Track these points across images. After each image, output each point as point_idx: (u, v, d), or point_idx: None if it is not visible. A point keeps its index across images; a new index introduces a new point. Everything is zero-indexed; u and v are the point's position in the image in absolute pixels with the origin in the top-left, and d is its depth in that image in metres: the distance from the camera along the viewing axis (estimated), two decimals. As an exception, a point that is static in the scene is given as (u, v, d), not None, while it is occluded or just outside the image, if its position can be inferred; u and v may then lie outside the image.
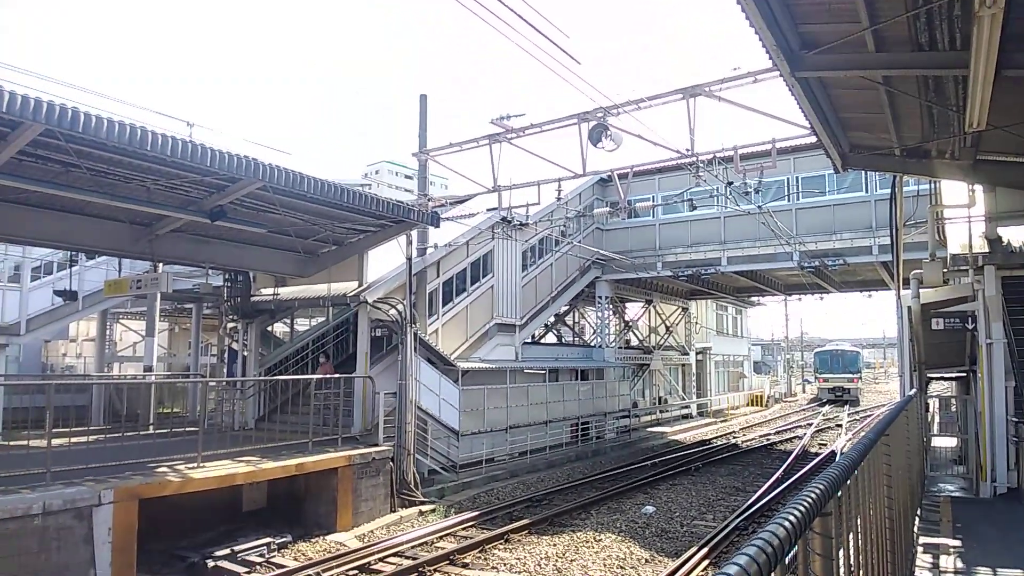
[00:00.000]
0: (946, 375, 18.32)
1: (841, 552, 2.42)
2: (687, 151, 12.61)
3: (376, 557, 10.61)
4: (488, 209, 20.30)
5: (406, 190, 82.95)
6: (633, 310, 34.03)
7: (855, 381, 46.02)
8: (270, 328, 22.05)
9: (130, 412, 17.98)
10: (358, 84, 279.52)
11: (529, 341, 24.40)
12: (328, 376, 15.18)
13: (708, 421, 32.78)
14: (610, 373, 26.37)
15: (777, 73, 7.04)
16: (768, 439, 25.97)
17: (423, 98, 16.20)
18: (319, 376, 15.60)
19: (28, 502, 8.36)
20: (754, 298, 40.45)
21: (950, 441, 16.06)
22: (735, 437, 26.79)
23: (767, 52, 6.42)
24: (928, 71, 6.87)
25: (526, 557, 10.72)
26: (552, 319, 29.47)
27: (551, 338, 32.71)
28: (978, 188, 11.36)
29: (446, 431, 17.09)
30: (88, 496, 8.94)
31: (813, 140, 10.18)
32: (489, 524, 12.81)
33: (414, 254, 16.02)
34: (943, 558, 6.40)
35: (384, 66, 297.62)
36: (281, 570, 9.93)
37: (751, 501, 14.01)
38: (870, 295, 32.59)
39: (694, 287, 30.85)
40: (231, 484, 11.14)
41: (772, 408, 42.67)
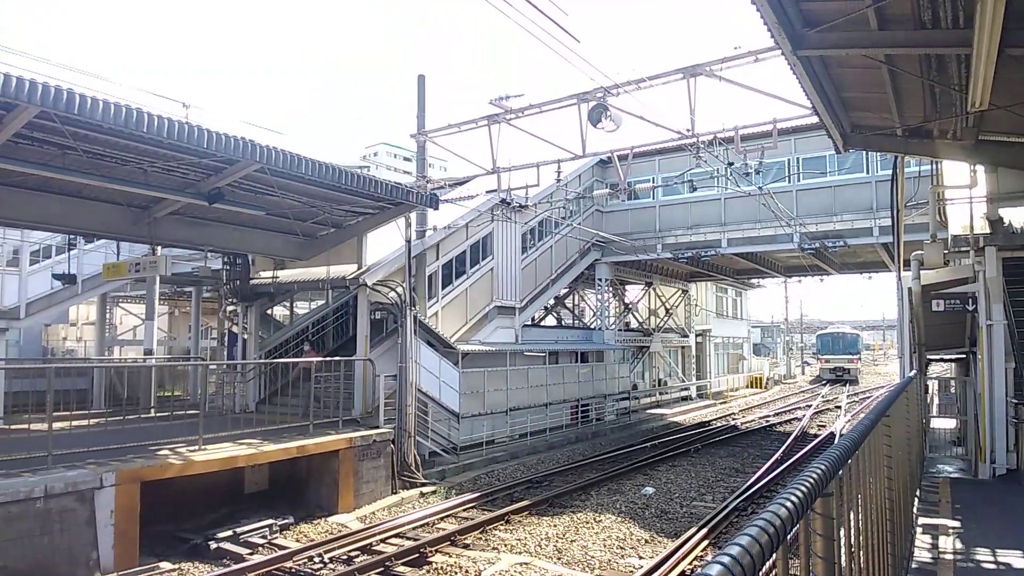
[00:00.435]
0: (945, 357, 18.31)
1: (842, 532, 2.41)
2: (688, 132, 12.53)
3: (378, 538, 10.67)
4: (487, 191, 20.22)
5: (405, 172, 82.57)
6: (633, 292, 34.04)
7: (855, 362, 48.48)
8: (270, 311, 22.05)
9: (131, 395, 18.00)
10: (356, 67, 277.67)
11: (529, 324, 24.42)
12: (329, 360, 15.20)
13: (707, 403, 32.90)
14: (610, 355, 26.41)
15: (779, 52, 6.97)
16: (767, 421, 26.07)
17: (421, 79, 16.08)
18: (318, 360, 15.63)
19: (30, 485, 8.40)
20: (754, 280, 40.47)
21: (949, 423, 16.10)
22: (734, 419, 26.88)
23: (768, 30, 6.34)
24: (931, 50, 6.79)
25: (527, 538, 10.78)
26: (552, 301, 29.50)
27: (551, 321, 32.75)
28: (980, 168, 11.28)
29: (447, 413, 17.14)
30: (90, 479, 8.98)
31: (814, 120, 10.11)
32: (490, 505, 12.88)
33: (413, 236, 15.97)
34: (942, 539, 6.43)
35: (382, 48, 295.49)
36: (283, 551, 9.99)
37: (750, 482, 14.08)
38: (870, 277, 32.61)
39: (694, 269, 30.82)
40: (233, 467, 11.19)
41: (771, 390, 42.81)
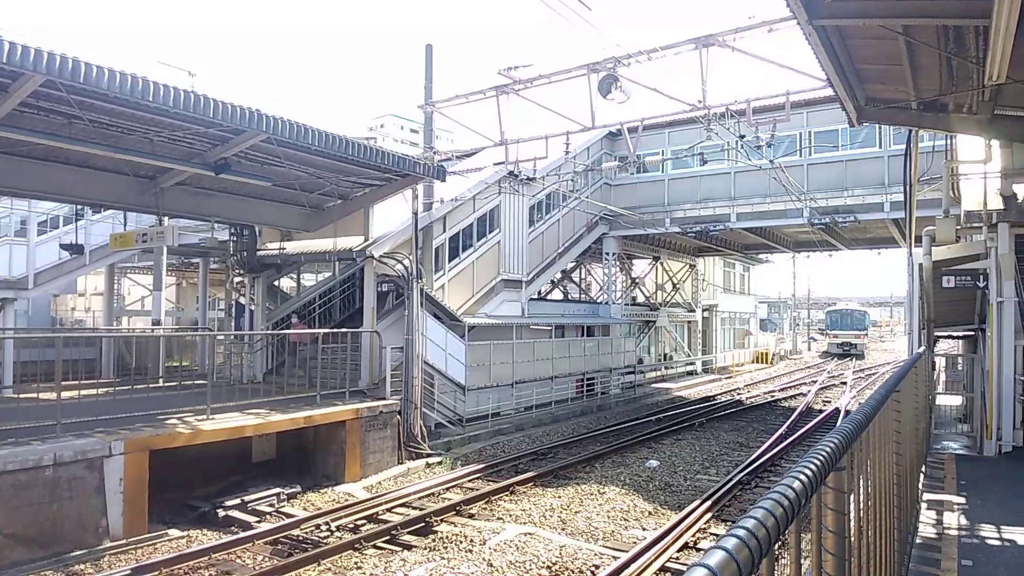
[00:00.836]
0: (953, 334, 18.24)
1: (852, 507, 2.39)
2: (699, 103, 12.37)
3: (384, 507, 10.78)
4: (495, 163, 20.06)
5: (412, 144, 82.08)
6: (640, 267, 33.93)
7: (861, 337, 52.20)
8: (276, 283, 22.10)
9: (139, 365, 18.15)
10: (362, 37, 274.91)
11: (535, 297, 24.39)
12: (335, 331, 15.26)
13: (713, 378, 32.96)
14: (616, 330, 26.41)
15: (793, 21, 6.81)
16: (772, 396, 26.12)
17: (428, 48, 15.88)
18: (308, 332, 15.81)
19: (39, 453, 8.49)
20: (762, 255, 40.27)
21: (955, 399, 16.07)
22: (739, 394, 26.95)
23: (784, -2, 6.19)
24: (949, 20, 6.63)
25: (531, 508, 10.87)
26: (559, 275, 29.43)
27: (557, 294, 32.72)
28: (995, 144, 11.11)
29: (452, 386, 17.22)
30: (99, 447, 9.06)
31: (828, 93, 9.96)
32: (495, 476, 12.98)
33: (420, 209, 15.91)
34: (947, 514, 6.43)
35: (389, 18, 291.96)
36: (291, 519, 10.12)
37: (754, 457, 14.13)
38: (879, 253, 32.41)
39: (702, 244, 30.66)
40: (240, 436, 11.29)
41: (777, 365, 42.86)
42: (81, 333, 22.68)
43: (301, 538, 9.41)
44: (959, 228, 11.84)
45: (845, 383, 30.44)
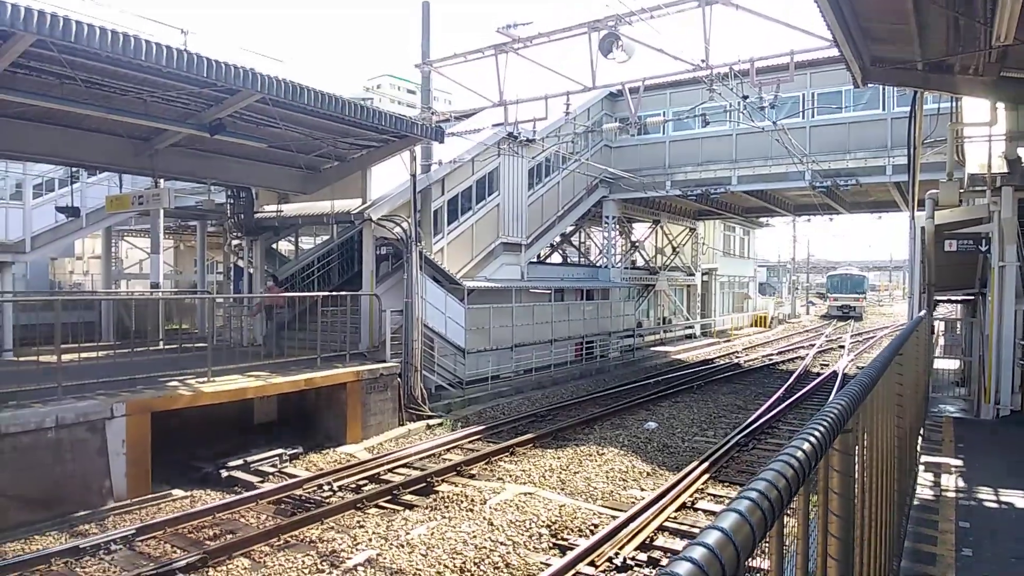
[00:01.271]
0: (953, 298, 18.26)
1: (856, 469, 2.38)
2: (702, 63, 12.15)
3: (385, 468, 10.89)
4: (494, 125, 19.81)
5: (409, 106, 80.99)
6: (640, 230, 33.80)
7: (860, 300, 55.07)
8: (275, 246, 22.00)
9: (139, 328, 18.17)
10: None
11: (535, 261, 24.34)
12: (335, 294, 15.23)
13: (711, 341, 33.08)
14: (615, 293, 26.41)
15: (801, -24, 6.65)
16: (770, 359, 26.25)
17: (426, 5, 15.56)
18: (284, 296, 15.82)
19: (41, 416, 8.53)
20: (763, 219, 40.11)
21: (952, 363, 16.16)
22: (737, 357, 27.07)
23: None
24: (959, -24, 6.47)
25: (531, 469, 10.99)
26: (558, 239, 29.33)
27: (557, 258, 32.64)
28: (1000, 106, 10.95)
29: (452, 349, 17.27)
30: (100, 409, 9.11)
31: (833, 53, 9.78)
32: (495, 438, 13.09)
33: (418, 171, 15.75)
34: (944, 476, 6.49)
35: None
36: (293, 479, 10.23)
37: (752, 419, 14.24)
38: (880, 216, 32.28)
39: (703, 207, 30.49)
40: (242, 398, 11.35)
41: (775, 329, 43.01)
42: (80, 296, 22.68)
43: (304, 498, 9.52)
44: (962, 192, 11.74)
45: (843, 347, 30.58)
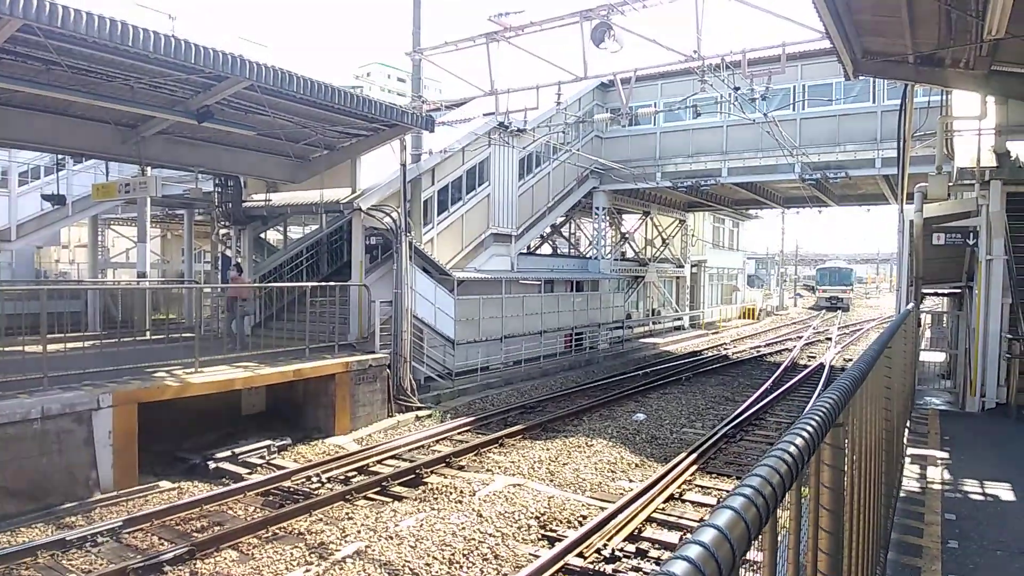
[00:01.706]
0: (939, 291, 18.40)
1: (846, 462, 2.38)
2: (694, 54, 12.12)
3: (374, 459, 10.88)
4: (484, 114, 19.72)
5: (399, 94, 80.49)
6: (630, 222, 33.83)
7: (847, 292, 57.55)
8: (263, 235, 21.84)
9: (126, 318, 17.99)
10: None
11: (525, 252, 24.30)
12: (324, 284, 15.14)
13: (700, 333, 33.22)
14: (605, 285, 26.44)
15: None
16: (758, 351, 26.39)
17: (417, -6, 15.41)
18: (248, 286, 15.31)
19: (26, 407, 8.43)
20: (752, 211, 40.25)
21: (938, 356, 16.30)
22: (726, 349, 27.21)
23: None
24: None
25: (520, 460, 10.99)
26: (548, 230, 29.29)
27: (547, 249, 32.62)
28: (990, 100, 11.00)
29: (442, 340, 17.23)
30: (86, 400, 9.02)
31: (824, 45, 9.77)
32: (484, 429, 13.10)
33: (408, 160, 15.66)
34: (930, 469, 6.53)
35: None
36: (282, 471, 10.18)
37: (740, 411, 14.31)
38: (869, 209, 32.46)
39: (693, 199, 30.52)
40: (230, 389, 11.27)
41: (763, 321, 43.25)
42: (66, 285, 22.41)
43: (292, 489, 9.49)
44: (951, 185, 11.81)
45: (830, 339, 30.78)
